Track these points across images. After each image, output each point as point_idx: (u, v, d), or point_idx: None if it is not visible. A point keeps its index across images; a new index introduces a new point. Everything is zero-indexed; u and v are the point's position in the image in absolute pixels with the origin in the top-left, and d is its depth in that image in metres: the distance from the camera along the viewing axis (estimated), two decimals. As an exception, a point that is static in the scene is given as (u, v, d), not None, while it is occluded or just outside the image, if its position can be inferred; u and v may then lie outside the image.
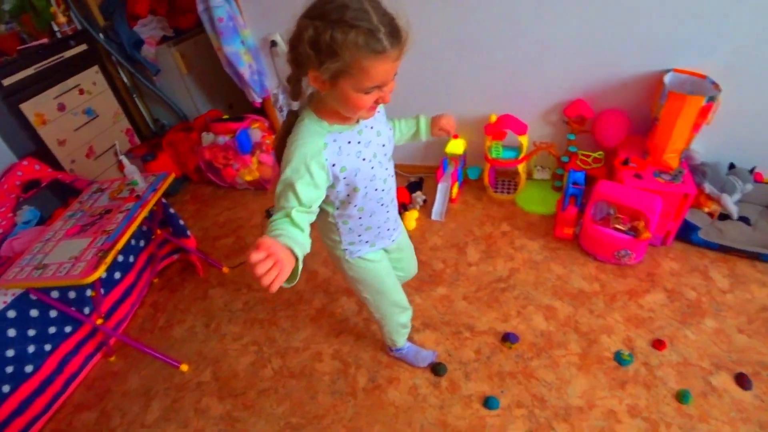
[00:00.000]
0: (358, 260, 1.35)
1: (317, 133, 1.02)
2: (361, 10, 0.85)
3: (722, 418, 1.52)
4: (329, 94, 0.96)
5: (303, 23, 0.88)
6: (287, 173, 0.99)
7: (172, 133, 2.93)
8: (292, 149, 1.00)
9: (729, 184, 2.18)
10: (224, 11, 2.43)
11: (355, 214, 1.21)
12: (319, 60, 0.87)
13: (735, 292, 1.94)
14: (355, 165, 1.07)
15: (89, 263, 1.64)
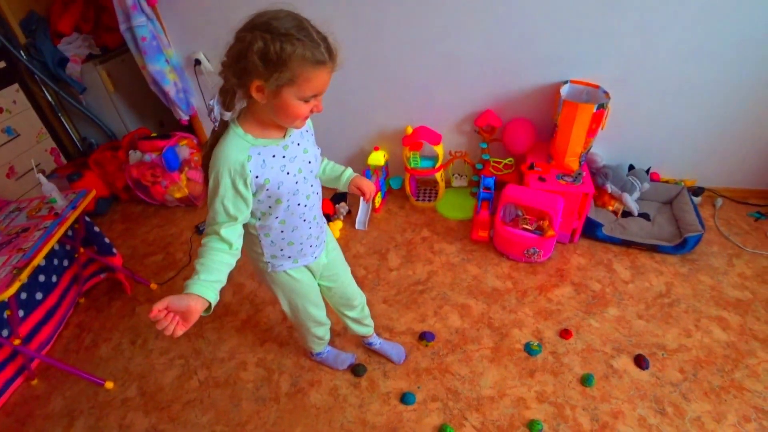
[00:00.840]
0: (281, 274, 1.37)
1: (241, 147, 1.05)
2: (303, 27, 0.94)
3: (622, 396, 1.68)
4: (268, 104, 1.00)
5: (248, 36, 0.92)
6: (212, 186, 1.06)
7: (99, 152, 2.89)
8: (216, 162, 1.04)
9: (629, 183, 2.39)
10: (147, 30, 2.46)
11: (277, 227, 1.24)
12: (267, 70, 0.93)
13: (635, 281, 2.14)
14: (278, 178, 1.11)
15: (2, 281, 1.62)
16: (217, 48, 2.50)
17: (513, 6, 2.13)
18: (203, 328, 2.09)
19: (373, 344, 1.85)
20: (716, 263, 2.22)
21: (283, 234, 1.26)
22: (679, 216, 2.36)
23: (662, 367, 1.77)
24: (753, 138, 2.43)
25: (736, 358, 1.79)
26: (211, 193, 1.07)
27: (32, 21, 2.93)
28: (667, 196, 2.51)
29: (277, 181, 1.11)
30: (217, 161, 1.04)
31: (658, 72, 2.22)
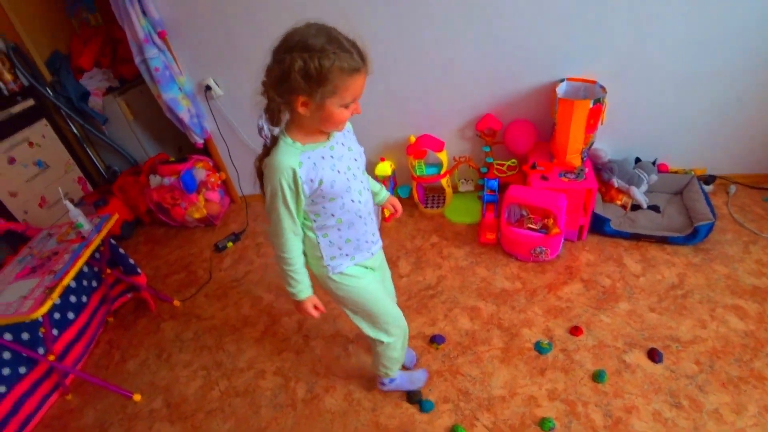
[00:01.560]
0: (342, 276, 1.37)
1: (292, 154, 1.12)
2: (334, 39, 1.02)
3: (635, 391, 1.67)
4: (312, 115, 1.08)
5: (288, 57, 1.00)
6: (270, 195, 1.16)
7: (122, 179, 3.05)
8: (270, 172, 1.13)
9: (636, 177, 2.38)
10: (159, 61, 2.59)
11: (334, 225, 1.28)
12: (310, 87, 1.01)
13: (646, 274, 2.12)
14: (330, 177, 1.17)
15: (36, 300, 1.74)
16: (225, 73, 2.64)
17: (504, 10, 2.17)
18: (223, 340, 2.18)
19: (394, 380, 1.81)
20: (731, 251, 2.19)
21: (340, 232, 1.30)
22: (690, 206, 2.34)
23: (677, 360, 1.76)
24: (761, 121, 2.39)
25: (755, 347, 1.76)
26: (269, 202, 1.17)
27: (56, 59, 3.12)
28: (676, 186, 2.49)
29: (330, 180, 1.17)
30: (271, 171, 1.12)
31: (655, 62, 2.22)
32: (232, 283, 2.51)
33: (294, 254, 1.27)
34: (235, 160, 2.98)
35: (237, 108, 2.78)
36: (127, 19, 2.47)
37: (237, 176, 3.06)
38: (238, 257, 2.71)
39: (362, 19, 2.29)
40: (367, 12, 2.28)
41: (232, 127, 2.85)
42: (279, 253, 1.26)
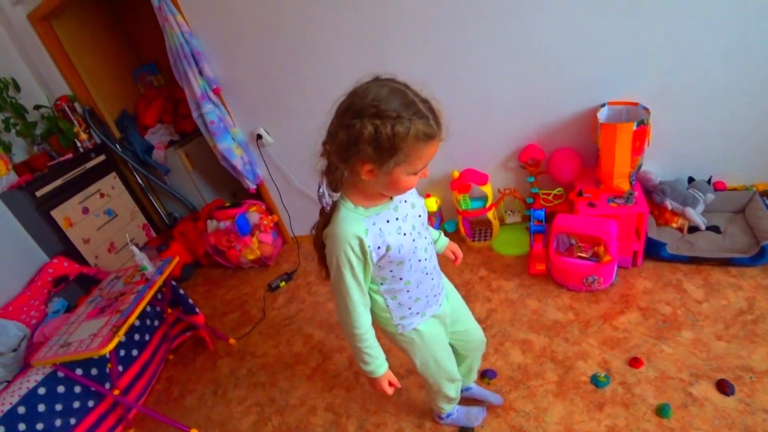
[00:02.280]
0: (412, 332, 1.34)
1: (357, 220, 1.05)
2: (410, 102, 0.94)
3: (705, 427, 1.55)
4: (377, 181, 1.00)
5: (358, 123, 0.92)
6: (336, 267, 1.08)
7: (182, 224, 3.25)
8: (335, 242, 1.05)
9: (690, 197, 2.28)
10: (215, 115, 2.80)
11: (402, 288, 1.22)
12: (380, 156, 0.93)
13: (710, 300, 1.99)
14: (397, 241, 1.10)
15: (105, 338, 1.87)
16: (274, 122, 2.82)
17: (538, 38, 2.20)
18: (276, 377, 2.23)
19: (470, 389, 1.81)
20: (805, 272, 2.03)
21: (409, 293, 1.25)
22: (754, 224, 2.20)
23: (751, 392, 1.62)
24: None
25: (842, 376, 1.61)
26: (335, 276, 1.09)
27: (124, 118, 3.45)
28: (737, 204, 2.35)
29: (397, 245, 1.10)
30: (336, 242, 1.04)
31: (697, 77, 2.15)
32: (284, 322, 2.57)
33: (366, 328, 1.18)
34: (286, 203, 3.12)
35: (286, 154, 2.94)
36: (185, 79, 2.71)
37: (288, 218, 3.19)
38: (290, 296, 2.79)
39: (397, 58, 2.40)
40: (402, 51, 2.38)
41: (282, 172, 3.00)
42: (350, 330, 1.17)
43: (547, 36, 2.19)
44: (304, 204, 3.11)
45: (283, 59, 2.58)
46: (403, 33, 2.34)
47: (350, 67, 2.50)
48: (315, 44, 2.48)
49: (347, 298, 1.12)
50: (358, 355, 1.23)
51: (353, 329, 1.17)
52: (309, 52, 2.51)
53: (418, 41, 2.34)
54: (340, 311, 1.17)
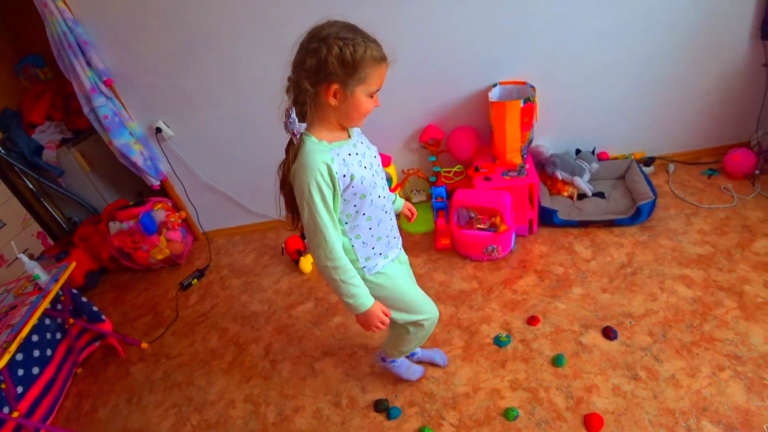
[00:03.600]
0: (378, 276, 1.36)
1: (322, 152, 1.11)
2: (362, 32, 1.10)
3: (594, 370, 1.72)
4: (339, 106, 1.11)
5: (323, 46, 1.04)
6: (306, 198, 1.11)
7: (82, 229, 3.04)
8: (303, 173, 1.10)
9: (577, 167, 2.48)
10: (108, 109, 2.64)
11: (365, 224, 1.28)
12: (346, 73, 1.05)
13: (597, 258, 2.20)
14: (360, 173, 1.17)
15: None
16: (174, 114, 2.70)
17: (433, 22, 2.28)
18: (193, 376, 2.17)
19: (415, 354, 1.85)
20: (674, 225, 2.29)
21: (371, 231, 1.30)
22: (632, 188, 2.44)
23: (631, 335, 1.82)
24: (688, 100, 2.53)
25: (704, 312, 1.84)
26: (308, 207, 1.12)
27: (6, 116, 3.14)
28: (618, 171, 2.59)
29: (360, 175, 1.17)
30: (305, 172, 1.10)
31: (578, 57, 2.34)
32: (198, 319, 2.51)
33: (345, 258, 1.21)
34: (193, 198, 3.01)
35: (189, 147, 2.83)
36: (72, 71, 2.53)
37: (196, 214, 3.08)
38: (203, 293, 2.71)
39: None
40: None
41: (186, 166, 2.89)
42: (328, 264, 1.18)
43: (442, 19, 2.28)
44: (212, 198, 3.02)
45: (180, 47, 2.47)
46: (301, 17, 2.31)
47: (249, 54, 2.45)
48: (212, 31, 2.40)
49: (323, 228, 1.14)
50: (342, 290, 1.23)
51: (333, 262, 1.18)
52: (206, 39, 2.43)
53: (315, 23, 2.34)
54: (316, 247, 1.18)
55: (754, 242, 2.10)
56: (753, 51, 2.38)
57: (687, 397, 1.56)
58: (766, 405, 1.49)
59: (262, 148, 2.76)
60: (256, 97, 2.56)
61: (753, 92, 2.49)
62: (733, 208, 2.32)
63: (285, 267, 2.72)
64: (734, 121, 2.62)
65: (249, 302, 2.52)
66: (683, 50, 2.37)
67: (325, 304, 2.34)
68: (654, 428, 1.49)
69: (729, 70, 2.45)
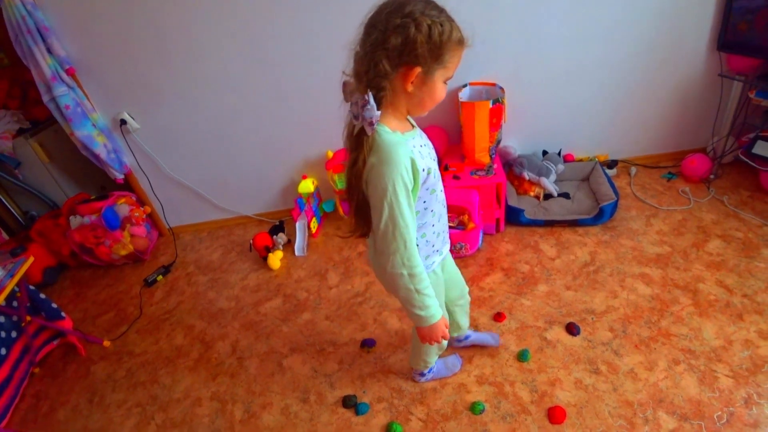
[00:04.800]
0: (431, 275, 1.27)
1: (403, 144, 1.00)
2: (444, 10, 0.96)
3: (557, 364, 1.78)
4: (414, 92, 0.98)
5: (409, 23, 0.90)
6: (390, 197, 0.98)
7: (40, 223, 2.92)
8: (386, 169, 0.97)
9: (544, 168, 2.54)
10: (69, 98, 2.54)
11: (430, 221, 1.18)
12: (431, 55, 0.93)
13: (561, 257, 2.26)
14: (431, 165, 1.07)
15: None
16: (139, 106, 2.64)
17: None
18: (157, 374, 2.12)
19: (469, 337, 1.84)
20: (635, 226, 2.38)
21: (434, 228, 1.21)
22: (596, 189, 2.52)
23: (593, 330, 1.88)
24: (650, 106, 2.63)
25: (661, 308, 1.92)
26: (388, 207, 0.99)
27: (-42, 107, 2.99)
28: (583, 173, 2.67)
29: (433, 168, 1.08)
30: (387, 167, 0.97)
31: (546, 61, 2.41)
32: (163, 316, 2.45)
33: (422, 265, 1.09)
34: (158, 193, 2.93)
35: (155, 140, 2.76)
36: (32, 58, 2.42)
37: (162, 208, 3.01)
38: (168, 289, 2.65)
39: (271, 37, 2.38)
40: (277, 30, 2.37)
41: (152, 159, 2.81)
42: (404, 272, 1.06)
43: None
44: (178, 193, 2.95)
45: (146, 36, 2.40)
46: (273, 13, 2.31)
47: (218, 45, 2.41)
48: (180, 19, 2.35)
49: (404, 231, 1.02)
50: (415, 301, 1.11)
51: (411, 269, 1.06)
52: (174, 27, 2.37)
53: (288, 21, 2.32)
54: (393, 252, 1.04)
55: (708, 243, 2.21)
56: (710, 61, 2.50)
57: (645, 390, 1.63)
58: (716, 396, 1.57)
59: (230, 142, 2.73)
60: (226, 89, 2.53)
61: (709, 100, 2.61)
62: (689, 210, 2.43)
63: (253, 263, 2.69)
64: (692, 128, 2.74)
65: (216, 299, 2.48)
66: (645, 59, 2.47)
67: (293, 300, 2.33)
68: (614, 419, 1.55)
69: (688, 79, 2.56)
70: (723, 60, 2.46)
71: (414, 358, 1.70)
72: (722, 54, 2.45)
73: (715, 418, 1.51)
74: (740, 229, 2.26)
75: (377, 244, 1.07)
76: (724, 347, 1.73)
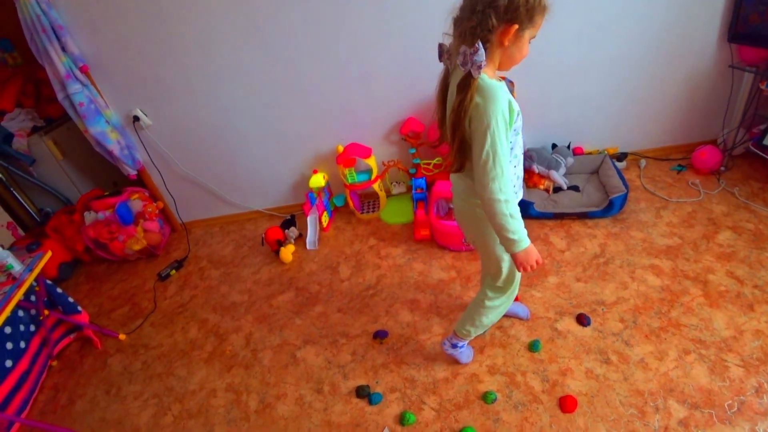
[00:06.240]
0: None
1: (501, 87, 1.15)
2: None
3: (568, 355, 1.79)
4: (508, 48, 1.15)
5: None
6: (492, 131, 1.12)
7: (55, 219, 2.97)
8: (489, 106, 1.12)
9: (553, 161, 2.54)
10: (83, 96, 2.57)
11: (513, 162, 1.30)
12: (527, 16, 1.11)
13: (571, 249, 2.27)
14: (519, 108, 1.21)
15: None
16: (152, 102, 2.68)
17: (412, 16, 2.31)
18: (173, 366, 2.16)
19: None
20: (645, 218, 2.38)
21: (515, 169, 1.33)
22: (605, 182, 2.52)
23: (603, 321, 1.89)
24: (659, 99, 2.63)
25: (671, 299, 1.93)
26: (490, 137, 1.13)
27: (-27, 105, 3.03)
28: (592, 166, 2.68)
29: (520, 112, 1.22)
30: (490, 103, 1.12)
31: (557, 55, 2.41)
32: (177, 310, 2.49)
33: (513, 194, 1.23)
34: (171, 189, 2.97)
35: (167, 136, 2.79)
36: (46, 56, 2.46)
37: (174, 204, 3.05)
38: (182, 284, 2.69)
39: (280, 32, 2.40)
40: (284, 26, 2.38)
41: (164, 155, 2.85)
42: (501, 197, 1.18)
43: (421, 14, 2.30)
44: (190, 188, 2.99)
45: (158, 33, 2.43)
46: (283, 8, 2.32)
47: (228, 41, 2.43)
48: (190, 15, 2.37)
49: (502, 160, 1.15)
50: (509, 225, 1.21)
51: (506, 195, 1.18)
52: (185, 24, 2.40)
53: (299, 16, 2.34)
54: (492, 180, 1.16)
55: (718, 234, 2.21)
56: (720, 53, 2.49)
57: (655, 379, 1.64)
58: (726, 385, 1.58)
59: (241, 138, 2.76)
60: (236, 84, 2.55)
61: (720, 92, 2.60)
62: (699, 202, 2.43)
63: (265, 257, 2.72)
64: (702, 120, 2.73)
65: (228, 293, 2.51)
66: (655, 50, 2.46)
67: (305, 293, 2.36)
68: (624, 408, 1.56)
69: (698, 71, 2.55)
70: (734, 51, 2.45)
71: (462, 322, 1.70)
72: (733, 45, 2.44)
73: (725, 406, 1.52)
74: (751, 220, 2.26)
75: (477, 173, 1.19)
76: (735, 337, 1.73)
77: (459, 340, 1.76)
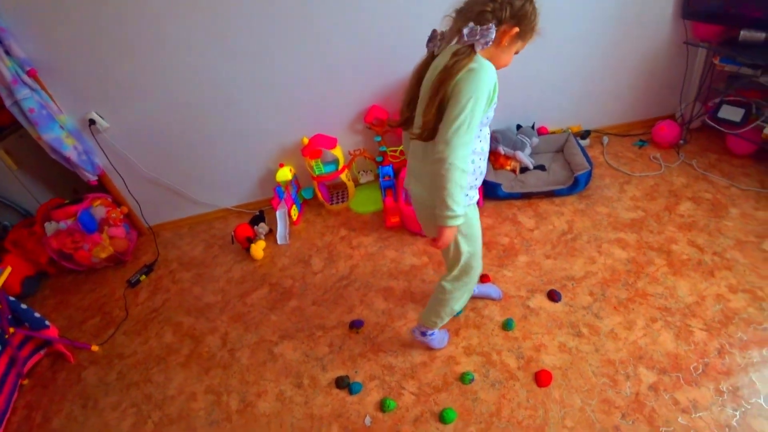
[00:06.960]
0: (470, 208, 1.43)
1: (494, 69, 1.21)
2: None
3: (541, 331, 1.84)
4: (504, 48, 1.22)
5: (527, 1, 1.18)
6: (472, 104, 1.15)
7: (14, 233, 2.86)
8: (477, 82, 1.16)
9: (519, 142, 2.58)
10: (34, 101, 2.47)
11: (478, 153, 1.34)
12: (527, 25, 1.19)
13: (540, 227, 2.32)
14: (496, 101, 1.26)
15: None
16: (108, 105, 2.58)
17: (368, 11, 2.31)
18: (150, 373, 2.12)
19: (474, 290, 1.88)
20: (609, 193, 2.44)
21: (481, 162, 1.37)
22: (570, 159, 2.57)
23: (573, 296, 1.95)
24: (618, 76, 2.69)
25: (637, 270, 2.00)
26: (472, 102, 1.15)
27: None
28: (557, 145, 2.72)
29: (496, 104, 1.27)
30: (483, 73, 1.17)
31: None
32: (150, 315, 2.44)
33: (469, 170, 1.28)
34: (134, 192, 2.89)
35: (126, 138, 2.70)
36: (-11, 62, 2.35)
37: (139, 207, 2.97)
38: (153, 288, 2.64)
39: (239, 28, 2.34)
40: (244, 20, 2.33)
41: (125, 158, 2.76)
42: (461, 165, 1.18)
43: (376, 6, 2.29)
44: (155, 190, 2.92)
45: (109, 30, 2.33)
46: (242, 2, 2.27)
47: (184, 37, 2.36)
48: (143, 12, 2.28)
49: (473, 131, 1.19)
50: (457, 196, 1.22)
51: (465, 166, 1.20)
52: (137, 21, 2.31)
53: (258, 10, 2.29)
54: (461, 144, 1.18)
55: (679, 205, 2.29)
56: (675, 30, 2.55)
57: (625, 348, 1.70)
58: (691, 349, 1.65)
59: (203, 135, 2.70)
60: (195, 81, 2.49)
61: (676, 68, 2.68)
62: (661, 176, 2.50)
63: (236, 255, 2.69)
64: (660, 95, 2.81)
65: (201, 294, 2.48)
66: (612, 29, 2.51)
67: (279, 288, 2.34)
68: (597, 378, 1.62)
69: (654, 48, 2.62)
70: (688, 28, 2.52)
71: (427, 314, 1.72)
72: (687, 22, 2.50)
73: (691, 369, 1.59)
74: (709, 190, 2.34)
75: (445, 135, 1.19)
76: (698, 303, 1.81)
77: (427, 329, 1.78)
